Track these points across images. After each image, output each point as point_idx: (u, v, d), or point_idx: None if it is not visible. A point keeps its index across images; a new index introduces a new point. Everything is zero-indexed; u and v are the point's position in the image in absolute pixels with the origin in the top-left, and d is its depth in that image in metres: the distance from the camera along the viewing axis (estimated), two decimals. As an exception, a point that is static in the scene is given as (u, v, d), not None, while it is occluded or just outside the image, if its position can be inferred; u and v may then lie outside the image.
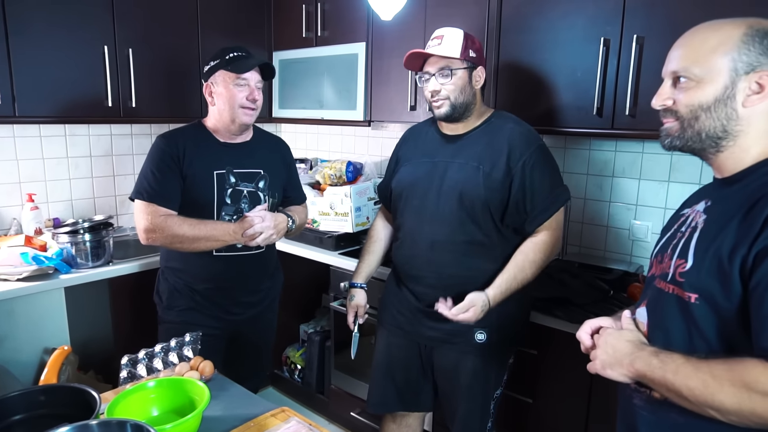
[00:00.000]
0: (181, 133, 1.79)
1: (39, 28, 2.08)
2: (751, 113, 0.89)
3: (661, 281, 0.98)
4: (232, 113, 1.73)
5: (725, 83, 0.89)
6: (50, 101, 2.15)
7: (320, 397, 2.67)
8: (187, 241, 1.66)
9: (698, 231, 0.93)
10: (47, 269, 2.00)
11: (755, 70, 0.88)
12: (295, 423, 1.19)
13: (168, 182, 1.70)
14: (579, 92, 1.83)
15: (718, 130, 0.91)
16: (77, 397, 1.07)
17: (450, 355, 1.61)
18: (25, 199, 2.38)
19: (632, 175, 2.09)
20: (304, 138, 3.33)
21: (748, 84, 0.88)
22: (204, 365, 1.38)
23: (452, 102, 1.53)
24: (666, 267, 0.97)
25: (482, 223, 1.52)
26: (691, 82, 0.92)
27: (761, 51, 0.87)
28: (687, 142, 0.95)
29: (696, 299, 0.89)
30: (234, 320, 1.86)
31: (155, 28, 2.41)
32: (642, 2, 1.66)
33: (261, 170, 1.83)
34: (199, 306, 1.82)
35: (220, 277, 1.80)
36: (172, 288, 1.83)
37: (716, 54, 0.89)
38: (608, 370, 0.96)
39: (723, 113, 0.90)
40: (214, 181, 1.74)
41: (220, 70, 1.72)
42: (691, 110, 0.92)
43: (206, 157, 1.75)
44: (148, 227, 1.66)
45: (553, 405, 1.78)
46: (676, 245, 0.97)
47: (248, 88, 1.72)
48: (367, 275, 1.85)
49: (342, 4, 2.50)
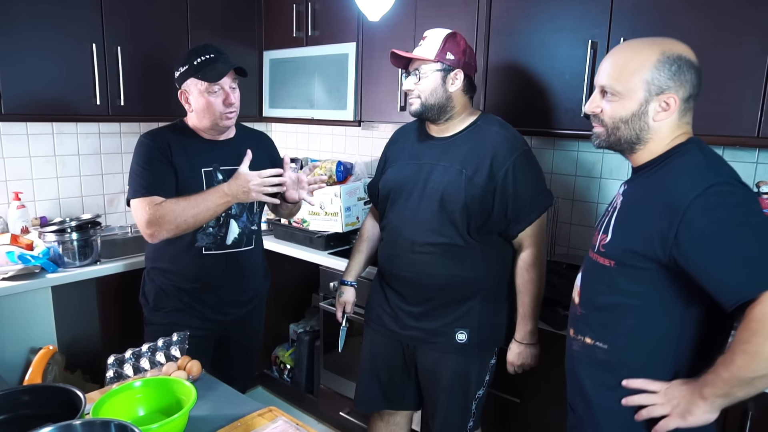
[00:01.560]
0: (166, 131, 1.77)
1: (25, 25, 2.06)
2: (659, 126, 1.12)
3: (591, 251, 1.22)
4: (211, 120, 1.72)
5: (640, 101, 1.10)
6: (37, 99, 2.14)
7: (309, 396, 2.67)
8: (189, 216, 1.60)
9: (617, 211, 1.17)
10: (33, 268, 1.98)
11: (664, 92, 1.09)
12: (282, 423, 1.20)
13: (160, 174, 1.67)
14: (567, 94, 1.84)
15: (633, 137, 1.14)
16: (62, 397, 1.06)
17: (431, 355, 1.62)
18: (11, 197, 2.36)
19: (620, 177, 2.11)
20: (294, 138, 3.33)
21: (658, 103, 1.10)
22: (191, 365, 1.37)
23: (423, 102, 1.55)
24: (595, 240, 1.21)
25: (461, 226, 1.53)
26: (615, 97, 1.12)
27: (669, 76, 1.08)
28: (611, 144, 1.18)
29: (614, 264, 1.12)
30: (222, 320, 1.85)
31: (144, 26, 2.39)
32: (629, 5, 1.68)
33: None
34: (187, 307, 1.80)
35: (209, 275, 1.78)
36: (159, 289, 1.81)
37: (635, 76, 1.10)
38: (689, 417, 1.04)
39: (637, 125, 1.12)
40: (202, 178, 1.73)
41: (191, 78, 1.68)
42: (613, 122, 1.14)
43: (193, 154, 1.74)
44: (149, 219, 1.61)
45: (540, 404, 1.79)
46: (602, 222, 1.21)
47: (223, 93, 1.69)
48: (356, 273, 1.87)
49: (332, 4, 2.50)
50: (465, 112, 1.60)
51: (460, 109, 1.59)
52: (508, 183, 1.51)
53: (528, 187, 1.53)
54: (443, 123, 1.60)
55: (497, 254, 1.61)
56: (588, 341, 1.18)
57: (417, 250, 1.57)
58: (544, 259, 1.60)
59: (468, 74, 1.57)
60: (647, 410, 1.10)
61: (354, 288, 1.87)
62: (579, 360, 1.22)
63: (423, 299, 1.60)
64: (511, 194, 1.51)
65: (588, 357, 1.19)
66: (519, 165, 1.52)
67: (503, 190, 1.51)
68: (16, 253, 2.00)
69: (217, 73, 1.65)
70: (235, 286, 1.85)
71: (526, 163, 1.54)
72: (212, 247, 1.77)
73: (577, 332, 1.22)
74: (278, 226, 2.67)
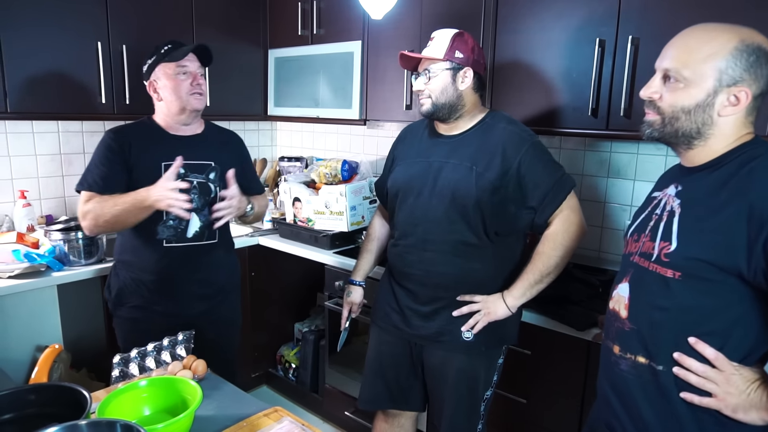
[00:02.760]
0: (130, 127, 1.82)
1: (31, 23, 2.06)
2: (724, 121, 1.00)
3: (643, 260, 1.08)
4: (180, 102, 1.76)
5: (708, 91, 0.99)
6: (43, 97, 2.14)
7: (314, 396, 2.66)
8: (109, 216, 1.65)
9: (677, 215, 1.04)
10: (39, 267, 1.98)
11: (736, 84, 0.97)
12: (288, 423, 1.19)
13: (110, 173, 1.72)
14: (574, 93, 1.83)
15: (693, 131, 1.02)
16: (68, 397, 1.06)
17: (438, 354, 1.62)
18: (17, 195, 2.36)
19: (627, 176, 2.09)
20: (299, 136, 3.32)
21: (727, 96, 0.98)
22: (197, 364, 1.37)
23: (433, 101, 1.55)
24: (647, 248, 1.08)
25: (473, 223, 1.52)
26: (679, 83, 1.01)
27: (745, 67, 0.97)
28: (665, 136, 1.06)
29: (679, 276, 1.00)
30: (186, 315, 1.81)
31: (150, 24, 2.39)
32: (637, 4, 1.66)
33: (212, 162, 1.83)
34: (147, 303, 1.80)
35: (169, 268, 1.79)
36: (122, 284, 1.82)
37: (707, 63, 0.98)
38: (741, 414, 0.98)
39: (700, 118, 1.01)
40: (162, 172, 1.71)
41: (159, 65, 1.75)
42: (673, 110, 1.03)
43: (155, 149, 1.77)
44: (80, 214, 1.71)
45: (547, 405, 1.78)
46: (654, 227, 1.08)
47: (191, 75, 1.75)
48: (365, 273, 1.87)
49: (338, 2, 2.49)
50: (474, 110, 1.60)
51: (470, 107, 1.58)
52: (524, 175, 1.50)
53: (545, 174, 1.51)
54: (453, 121, 1.59)
55: (508, 252, 1.60)
56: (641, 360, 1.07)
57: (428, 248, 1.57)
58: (570, 236, 1.51)
59: (477, 72, 1.57)
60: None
61: (362, 288, 1.86)
62: (631, 382, 1.09)
63: (432, 298, 1.59)
64: (529, 185, 1.50)
65: (642, 379, 1.07)
66: (531, 155, 1.51)
67: (519, 182, 1.50)
68: (22, 252, 2.00)
69: (182, 52, 1.73)
70: (197, 279, 1.84)
71: (537, 152, 1.53)
72: (173, 239, 1.78)
73: (625, 350, 1.10)
74: (283, 225, 2.67)
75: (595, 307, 1.72)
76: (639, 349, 1.07)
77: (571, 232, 1.51)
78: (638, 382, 1.08)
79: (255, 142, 3.33)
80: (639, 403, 1.08)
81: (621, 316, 1.12)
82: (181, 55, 1.73)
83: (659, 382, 1.05)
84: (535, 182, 1.50)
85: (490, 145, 1.53)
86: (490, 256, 1.56)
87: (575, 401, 1.70)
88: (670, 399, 1.04)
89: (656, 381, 1.05)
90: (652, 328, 1.05)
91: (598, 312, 1.63)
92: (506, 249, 1.60)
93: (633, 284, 1.10)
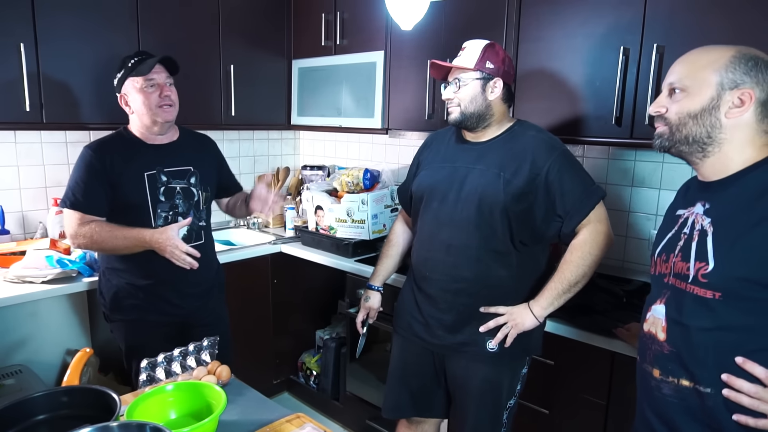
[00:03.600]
0: (108, 142, 1.83)
1: (66, 37, 2.13)
2: (734, 124, 1.02)
3: (678, 281, 1.07)
4: (151, 115, 1.79)
5: (711, 95, 1.02)
6: (76, 108, 2.21)
7: (335, 403, 2.67)
8: (107, 247, 1.76)
9: (710, 234, 1.03)
10: (71, 272, 2.04)
11: (738, 87, 1.01)
12: (311, 429, 1.20)
13: (93, 191, 1.76)
14: (598, 101, 1.82)
15: (704, 135, 1.04)
16: (98, 399, 1.10)
17: (461, 363, 1.61)
18: (50, 203, 2.44)
19: (652, 185, 2.06)
20: (322, 145, 3.36)
21: (731, 98, 1.01)
22: (221, 370, 1.39)
23: (462, 110, 1.55)
24: (680, 268, 1.07)
25: (499, 230, 1.52)
26: (683, 92, 1.05)
27: (745, 71, 1.01)
28: (675, 143, 1.08)
29: (720, 297, 0.99)
30: (179, 313, 1.91)
31: (178, 35, 2.46)
32: (663, 11, 1.65)
33: (191, 167, 1.89)
34: (144, 303, 1.86)
35: (162, 271, 1.83)
36: (116, 289, 1.86)
37: (707, 70, 1.03)
38: None
39: (708, 121, 1.03)
40: (145, 182, 1.79)
41: (128, 79, 1.78)
42: (679, 117, 1.06)
43: (135, 161, 1.80)
44: (72, 233, 1.76)
45: (569, 416, 1.76)
46: (685, 247, 1.07)
47: (158, 87, 1.78)
48: (383, 278, 1.88)
49: (361, 13, 2.53)
50: (502, 119, 1.60)
51: (498, 117, 1.58)
52: (552, 182, 1.49)
53: (574, 183, 1.50)
54: (480, 130, 1.60)
55: (532, 261, 1.60)
56: (685, 384, 1.04)
57: (452, 252, 1.57)
58: (598, 246, 1.50)
59: (507, 83, 1.57)
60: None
61: (380, 293, 1.87)
62: (675, 406, 1.07)
63: (454, 305, 1.59)
64: (557, 193, 1.49)
65: (687, 402, 1.05)
66: (561, 164, 1.50)
67: (547, 190, 1.50)
68: (54, 258, 2.06)
69: (148, 66, 1.76)
70: (188, 279, 1.88)
71: (566, 160, 1.52)
72: None
73: (666, 374, 1.08)
74: (305, 232, 2.70)
75: (619, 317, 1.70)
76: (681, 373, 1.05)
77: (598, 242, 1.50)
78: (682, 405, 1.05)
79: (278, 151, 3.38)
80: (685, 427, 1.06)
81: (658, 338, 1.10)
82: (147, 69, 1.75)
83: (706, 406, 1.02)
84: (563, 190, 1.50)
85: (518, 151, 1.53)
86: (515, 263, 1.55)
87: (599, 413, 1.67)
88: (719, 422, 1.01)
89: (703, 404, 1.02)
90: (693, 350, 1.03)
91: (622, 322, 1.61)
92: (531, 257, 1.59)
93: (669, 306, 1.08)
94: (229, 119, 2.71)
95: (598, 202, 1.51)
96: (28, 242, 2.28)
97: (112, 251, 1.78)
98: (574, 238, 1.52)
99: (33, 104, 2.07)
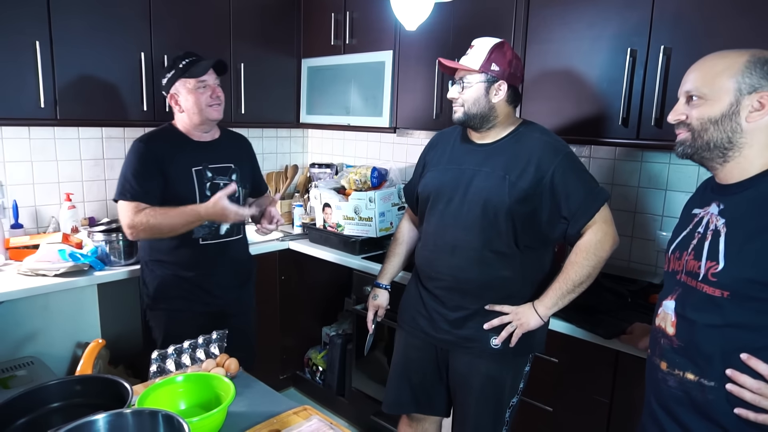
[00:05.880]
0: (158, 135, 1.93)
1: (80, 35, 2.17)
2: (754, 128, 1.03)
3: (689, 279, 1.10)
4: (201, 114, 1.87)
5: (730, 101, 1.03)
6: (89, 105, 2.25)
7: (341, 399, 2.70)
8: (166, 229, 1.80)
9: (723, 235, 1.05)
10: (83, 266, 2.08)
11: (757, 91, 1.02)
12: (317, 421, 1.23)
13: (148, 181, 1.83)
14: (604, 102, 1.83)
15: (725, 141, 1.05)
16: (110, 388, 1.13)
17: (464, 360, 1.63)
18: (63, 198, 2.48)
19: (659, 186, 2.07)
20: (330, 143, 3.39)
21: (750, 102, 1.02)
22: (229, 362, 1.42)
23: (466, 110, 1.57)
24: (692, 266, 1.09)
25: (504, 232, 1.54)
26: (702, 100, 1.06)
27: (762, 75, 1.02)
28: (698, 150, 1.09)
29: (728, 296, 1.01)
30: (218, 303, 1.99)
31: (189, 35, 2.49)
32: (670, 13, 1.66)
33: (232, 164, 1.99)
34: (187, 293, 1.94)
35: (206, 263, 1.94)
36: (160, 279, 1.94)
37: (723, 76, 1.04)
38: None
39: (729, 126, 1.04)
40: (193, 177, 1.89)
41: (180, 80, 1.86)
42: (701, 123, 1.07)
43: (183, 156, 1.89)
44: (130, 224, 1.80)
45: (572, 414, 1.77)
46: (698, 246, 1.09)
47: (209, 88, 1.87)
48: (391, 276, 1.90)
49: (370, 13, 2.55)
50: (508, 120, 1.61)
51: (503, 118, 1.59)
52: (557, 185, 1.50)
53: (579, 185, 1.51)
54: (485, 131, 1.61)
55: (537, 262, 1.61)
56: (690, 377, 1.07)
57: (457, 254, 1.58)
58: (604, 247, 1.51)
59: (513, 85, 1.58)
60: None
61: (388, 291, 1.89)
62: (679, 398, 1.10)
63: (460, 305, 1.60)
64: (562, 195, 1.50)
65: (690, 395, 1.08)
66: (566, 166, 1.51)
67: (552, 192, 1.51)
68: (67, 252, 2.10)
69: (202, 68, 1.85)
70: (229, 271, 2.00)
71: (571, 163, 1.53)
72: (208, 237, 1.93)
73: (672, 366, 1.11)
74: (313, 230, 2.72)
75: (624, 317, 1.71)
76: (687, 366, 1.08)
77: (603, 243, 1.51)
78: (686, 398, 1.08)
79: (287, 149, 3.41)
80: (687, 419, 1.08)
81: (668, 333, 1.12)
82: (202, 71, 1.84)
83: (708, 399, 1.05)
84: (568, 192, 1.50)
85: (523, 154, 1.54)
86: (519, 264, 1.57)
87: (602, 411, 1.69)
88: (719, 415, 1.04)
89: (705, 397, 1.05)
90: (700, 345, 1.06)
91: (627, 322, 1.62)
92: (535, 258, 1.60)
93: (680, 302, 1.11)
94: (239, 117, 2.74)
95: (603, 204, 1.52)
96: (41, 236, 2.32)
97: (170, 233, 1.82)
98: (579, 239, 1.54)
99: (47, 101, 2.11)
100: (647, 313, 1.64)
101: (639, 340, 1.48)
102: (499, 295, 1.57)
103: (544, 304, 1.53)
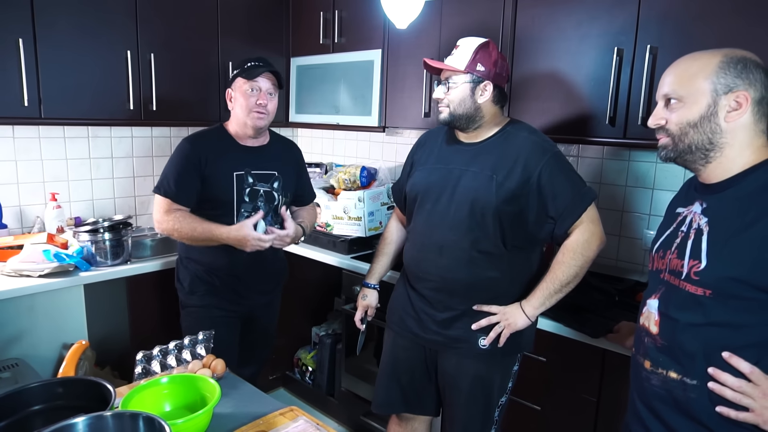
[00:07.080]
0: (205, 136, 1.94)
1: (65, 33, 2.15)
2: (733, 127, 1.04)
3: (673, 278, 1.10)
4: (244, 116, 1.88)
5: (708, 102, 1.04)
6: (74, 104, 2.22)
7: (330, 399, 2.69)
8: (186, 238, 1.84)
9: (705, 234, 1.06)
10: (68, 266, 2.06)
11: (732, 90, 1.03)
12: (303, 422, 1.22)
13: (185, 183, 1.85)
14: (592, 101, 1.83)
15: (706, 142, 1.06)
16: (93, 390, 1.11)
17: (453, 360, 1.63)
18: (48, 198, 2.45)
19: (646, 185, 2.08)
20: (319, 143, 3.37)
21: (727, 102, 1.03)
22: (216, 363, 1.41)
23: (451, 111, 1.56)
24: (675, 265, 1.10)
25: (491, 232, 1.53)
26: (680, 103, 1.07)
27: (736, 74, 1.02)
28: (680, 154, 1.09)
29: (710, 294, 1.02)
30: (248, 304, 2.03)
31: (176, 33, 2.47)
32: (656, 13, 1.67)
33: (276, 172, 1.98)
34: (219, 290, 1.96)
35: (238, 267, 1.94)
36: (194, 275, 1.97)
37: (698, 78, 1.05)
38: None
39: (708, 128, 1.05)
40: (233, 181, 1.88)
41: (238, 78, 1.88)
42: (680, 127, 1.07)
43: (227, 159, 1.89)
44: (158, 218, 1.87)
45: (561, 413, 1.78)
46: (681, 244, 1.10)
47: (258, 94, 1.86)
48: (379, 276, 1.90)
49: (359, 11, 2.54)
50: (494, 120, 1.61)
51: (489, 118, 1.59)
52: (544, 184, 1.50)
53: (566, 184, 1.51)
54: (472, 131, 1.60)
55: (525, 262, 1.61)
56: (673, 376, 1.08)
57: (444, 254, 1.58)
58: (591, 247, 1.51)
59: (498, 85, 1.57)
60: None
61: (377, 291, 1.89)
62: (662, 397, 1.10)
63: (448, 305, 1.60)
64: (549, 195, 1.50)
65: (673, 394, 1.08)
66: (552, 166, 1.51)
67: (539, 192, 1.51)
68: (52, 252, 2.07)
69: (256, 72, 1.85)
70: (260, 276, 2.02)
71: (558, 163, 1.53)
72: None
73: (656, 365, 1.11)
74: (302, 229, 2.71)
75: (612, 315, 1.72)
76: (670, 365, 1.08)
77: (590, 243, 1.51)
78: (669, 397, 1.09)
79: (276, 148, 3.39)
80: (670, 418, 1.09)
81: (651, 332, 1.13)
82: (256, 73, 1.84)
83: (690, 397, 1.05)
84: (555, 192, 1.51)
85: (510, 154, 1.54)
86: (507, 265, 1.57)
87: (589, 409, 1.69)
88: (699, 414, 1.04)
89: (687, 396, 1.05)
90: (683, 344, 1.06)
91: (614, 321, 1.62)
92: (523, 259, 1.60)
93: (663, 301, 1.11)
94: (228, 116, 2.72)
95: (590, 204, 1.52)
96: (26, 236, 2.30)
97: (189, 242, 1.86)
98: (566, 238, 1.54)
99: (31, 100, 2.08)
100: (634, 311, 1.63)
101: (626, 339, 1.48)
102: (487, 295, 1.57)
103: (531, 304, 1.54)
